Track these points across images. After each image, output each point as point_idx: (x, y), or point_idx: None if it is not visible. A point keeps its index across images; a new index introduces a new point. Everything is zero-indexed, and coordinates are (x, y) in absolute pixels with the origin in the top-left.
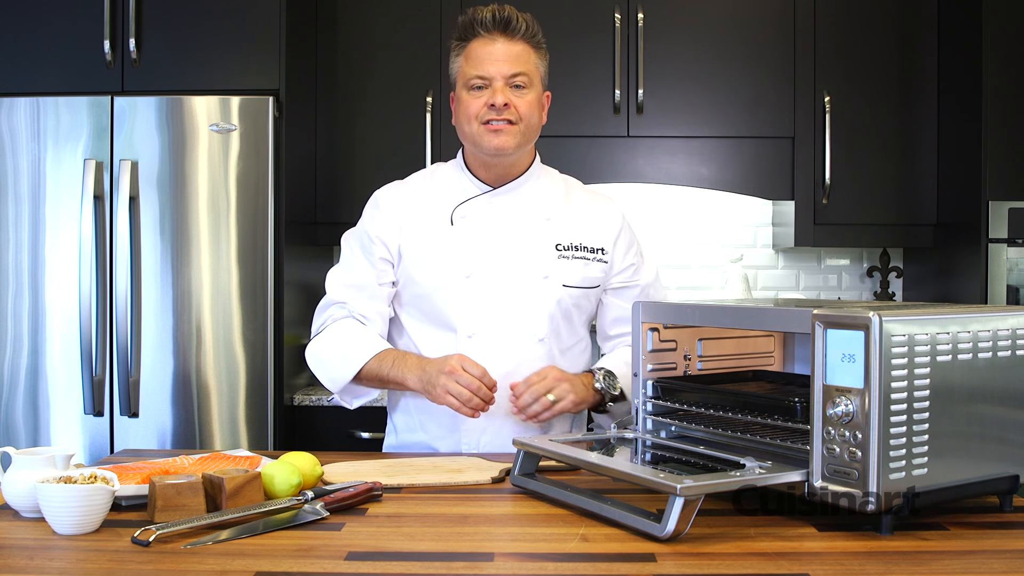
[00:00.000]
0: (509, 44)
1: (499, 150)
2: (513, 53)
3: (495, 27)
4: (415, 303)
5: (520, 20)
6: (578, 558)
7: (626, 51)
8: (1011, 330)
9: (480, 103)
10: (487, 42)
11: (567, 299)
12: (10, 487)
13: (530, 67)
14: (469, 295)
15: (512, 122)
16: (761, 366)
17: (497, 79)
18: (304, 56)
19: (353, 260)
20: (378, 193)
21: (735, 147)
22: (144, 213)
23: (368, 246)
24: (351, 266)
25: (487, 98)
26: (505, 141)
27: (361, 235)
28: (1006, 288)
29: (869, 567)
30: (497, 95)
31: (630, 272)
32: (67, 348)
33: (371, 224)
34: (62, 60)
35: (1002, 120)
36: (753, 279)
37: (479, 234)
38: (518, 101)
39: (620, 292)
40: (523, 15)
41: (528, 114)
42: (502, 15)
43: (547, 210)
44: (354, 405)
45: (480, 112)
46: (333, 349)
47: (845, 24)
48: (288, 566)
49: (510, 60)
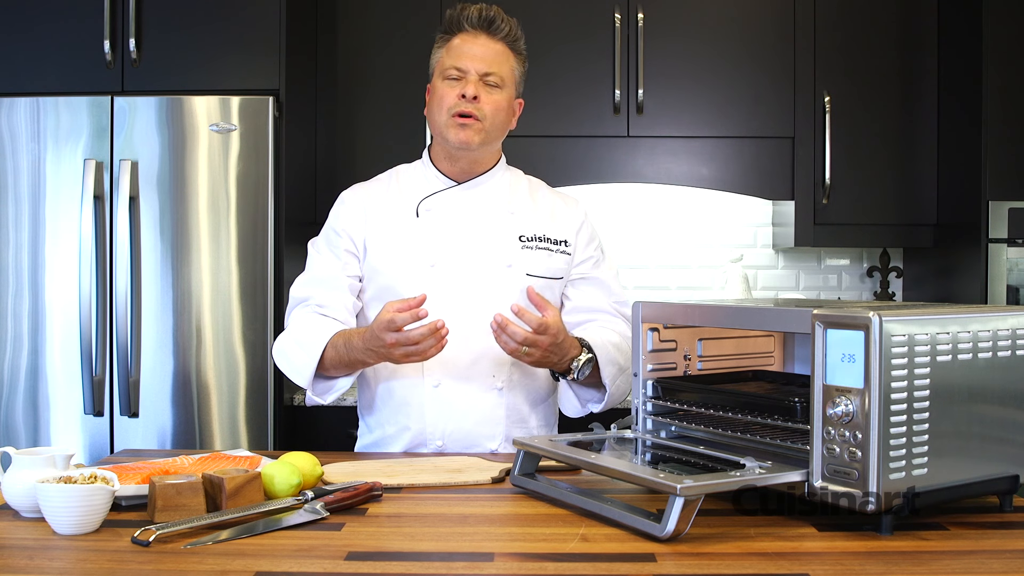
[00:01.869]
0: (490, 43)
1: (463, 143)
2: (492, 52)
3: (479, 25)
4: (380, 295)
5: (504, 22)
6: (578, 558)
7: (626, 51)
8: (1011, 330)
9: (453, 93)
10: (470, 38)
11: None
12: (10, 487)
13: (506, 69)
14: (433, 284)
15: (478, 119)
16: (761, 366)
17: (472, 73)
18: (304, 56)
19: (317, 258)
20: (343, 192)
21: (735, 147)
22: (144, 213)
23: (333, 240)
24: (314, 263)
25: (460, 88)
26: (470, 136)
27: (326, 232)
28: (1006, 288)
29: (869, 567)
30: (469, 86)
31: (589, 265)
32: (67, 348)
33: (335, 220)
34: (62, 60)
35: (1002, 120)
36: (753, 279)
37: (444, 225)
38: (487, 98)
39: (580, 283)
40: (509, 19)
41: (494, 113)
42: (488, 14)
43: (511, 204)
44: (328, 400)
45: (452, 103)
46: (295, 340)
47: (845, 24)
48: (288, 566)
49: (488, 58)
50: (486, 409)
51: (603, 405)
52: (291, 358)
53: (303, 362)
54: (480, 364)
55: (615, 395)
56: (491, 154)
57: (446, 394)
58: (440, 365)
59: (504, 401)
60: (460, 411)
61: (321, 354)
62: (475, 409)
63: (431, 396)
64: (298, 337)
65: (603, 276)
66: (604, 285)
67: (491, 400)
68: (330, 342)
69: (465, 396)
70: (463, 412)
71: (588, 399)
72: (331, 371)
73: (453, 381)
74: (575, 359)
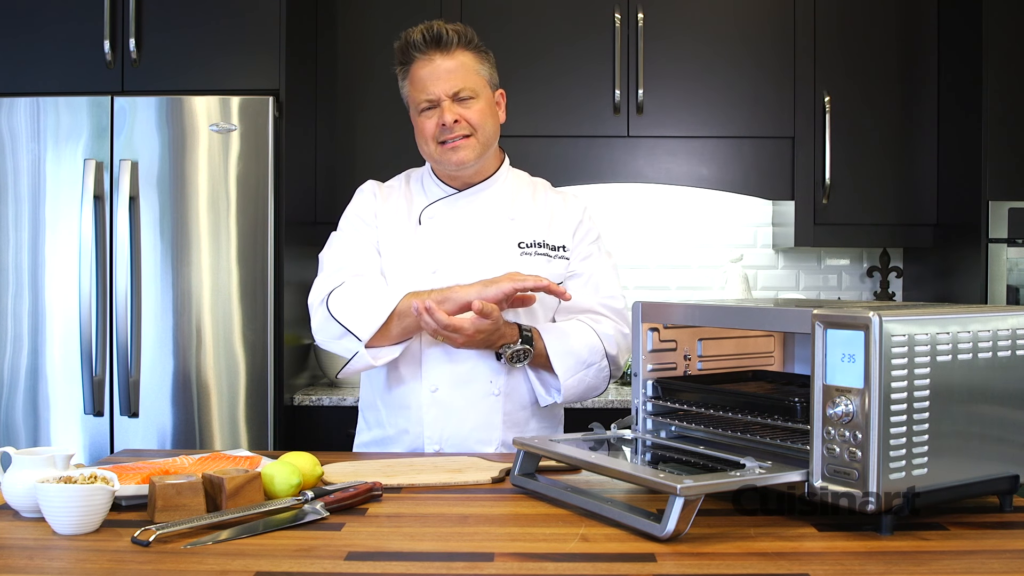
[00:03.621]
0: (446, 59)
1: (460, 163)
2: (451, 69)
3: (428, 46)
4: None
5: (451, 33)
6: (578, 558)
7: (626, 51)
8: (1011, 330)
9: (433, 124)
10: (425, 62)
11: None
12: (10, 487)
13: (472, 78)
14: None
15: (468, 135)
16: (761, 366)
17: (443, 98)
18: (304, 56)
19: (345, 234)
20: (364, 184)
21: (735, 147)
22: (144, 213)
23: (356, 222)
24: (344, 236)
25: (438, 118)
26: (465, 155)
27: (349, 216)
28: (1006, 288)
29: (869, 567)
30: (446, 114)
31: (578, 259)
32: (67, 348)
33: (359, 207)
34: (62, 60)
35: (1002, 120)
36: (753, 279)
37: (445, 233)
38: (468, 113)
39: (568, 279)
40: (453, 27)
41: (481, 123)
42: (432, 33)
43: (512, 211)
44: (379, 361)
45: (435, 133)
46: (363, 291)
47: (845, 24)
48: (288, 566)
49: (451, 77)
50: (483, 414)
51: (562, 396)
52: (356, 309)
53: (372, 315)
54: (478, 369)
55: (575, 388)
56: (491, 159)
57: (444, 399)
58: (438, 370)
59: (501, 407)
60: (457, 416)
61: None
62: (472, 414)
63: (429, 400)
64: (366, 290)
65: (594, 271)
66: (593, 280)
67: (488, 405)
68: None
69: (462, 401)
70: (460, 417)
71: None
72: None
73: (451, 386)
74: (506, 345)
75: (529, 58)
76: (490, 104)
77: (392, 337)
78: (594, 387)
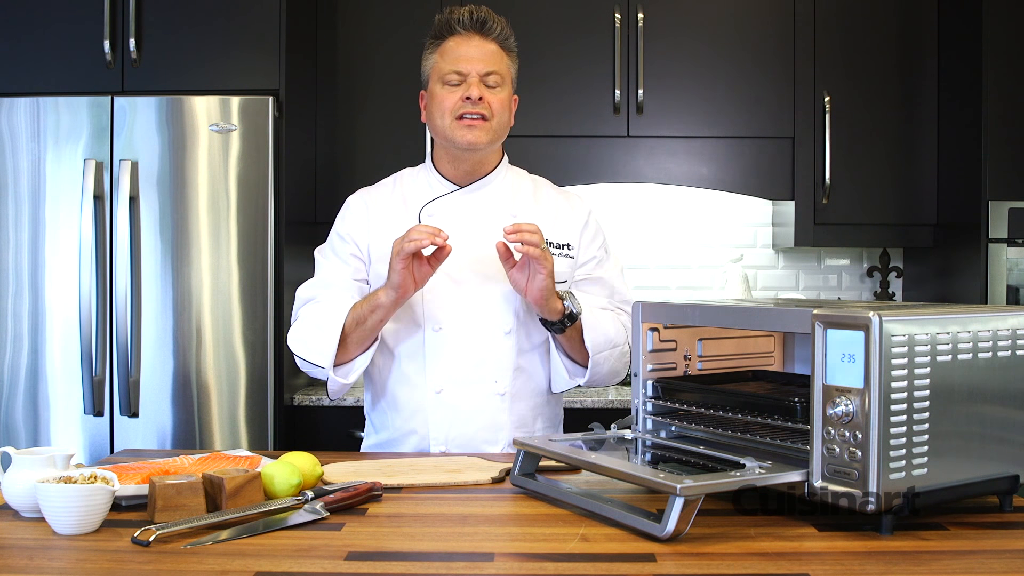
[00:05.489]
0: (484, 43)
1: (472, 144)
2: (488, 52)
3: (472, 26)
4: None
5: (496, 22)
6: (578, 558)
7: (626, 51)
8: (1011, 330)
9: (455, 97)
10: (463, 40)
11: None
12: (10, 487)
13: (503, 67)
14: (435, 289)
15: (485, 118)
16: (761, 366)
17: (472, 75)
18: (304, 56)
19: (325, 263)
20: (349, 198)
21: (735, 147)
22: (144, 213)
23: (338, 245)
24: (321, 268)
25: (462, 92)
26: (478, 136)
27: (332, 238)
28: (1006, 288)
29: (869, 567)
30: (473, 88)
31: (592, 264)
32: (67, 348)
33: (341, 224)
34: (62, 60)
35: (1002, 120)
36: (753, 279)
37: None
38: (492, 97)
39: (583, 283)
40: (499, 18)
41: (500, 111)
42: (479, 15)
43: (514, 207)
44: (351, 379)
45: (455, 106)
46: (312, 323)
47: (845, 24)
48: (288, 566)
49: (485, 58)
50: (489, 415)
51: (587, 376)
52: (310, 342)
53: (324, 341)
54: (482, 369)
55: (601, 366)
56: (494, 154)
57: (449, 399)
58: (443, 370)
59: (507, 407)
60: (463, 417)
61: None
62: (478, 415)
63: (434, 401)
64: (314, 320)
65: (606, 275)
66: (607, 285)
67: (494, 405)
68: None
69: (468, 402)
70: (466, 418)
71: (574, 372)
72: (351, 343)
73: (456, 386)
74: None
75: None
76: (510, 99)
77: (353, 351)
78: (615, 372)
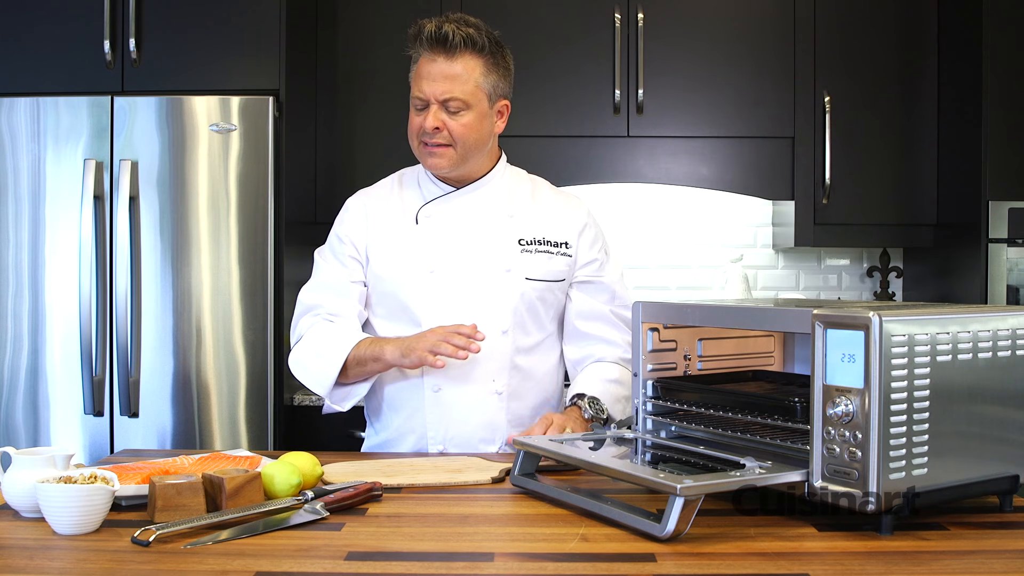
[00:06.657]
0: (448, 63)
1: (433, 168)
2: (450, 75)
3: (435, 44)
4: (382, 301)
5: (456, 35)
6: (578, 558)
7: (626, 51)
8: (1011, 330)
9: (419, 122)
10: (427, 61)
11: (531, 292)
12: (10, 487)
13: (468, 88)
14: (433, 289)
15: (447, 145)
16: (761, 366)
17: (432, 102)
18: (304, 56)
19: (324, 265)
20: (348, 199)
21: (735, 147)
22: (144, 213)
23: (337, 247)
24: (321, 270)
25: (422, 119)
26: (438, 163)
27: (331, 240)
28: (1006, 288)
29: (869, 567)
30: (428, 118)
31: (595, 267)
32: (67, 348)
33: (340, 226)
34: (62, 60)
35: (1002, 120)
36: (753, 279)
37: (443, 231)
38: (452, 124)
39: (584, 286)
40: (462, 29)
41: (463, 136)
42: (441, 32)
43: (510, 207)
44: (347, 406)
45: (419, 131)
46: (313, 351)
47: (845, 24)
48: (288, 566)
49: (446, 82)
50: (486, 414)
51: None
52: (311, 369)
53: (325, 372)
54: (480, 368)
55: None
56: (485, 159)
57: (446, 398)
58: (440, 369)
59: (504, 406)
60: (460, 416)
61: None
62: (475, 414)
63: (431, 400)
64: (316, 347)
65: (607, 279)
66: (608, 289)
67: (491, 405)
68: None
69: (465, 400)
70: (463, 417)
71: None
72: (350, 375)
73: (453, 385)
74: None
75: (529, 58)
76: (482, 116)
77: (352, 378)
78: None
